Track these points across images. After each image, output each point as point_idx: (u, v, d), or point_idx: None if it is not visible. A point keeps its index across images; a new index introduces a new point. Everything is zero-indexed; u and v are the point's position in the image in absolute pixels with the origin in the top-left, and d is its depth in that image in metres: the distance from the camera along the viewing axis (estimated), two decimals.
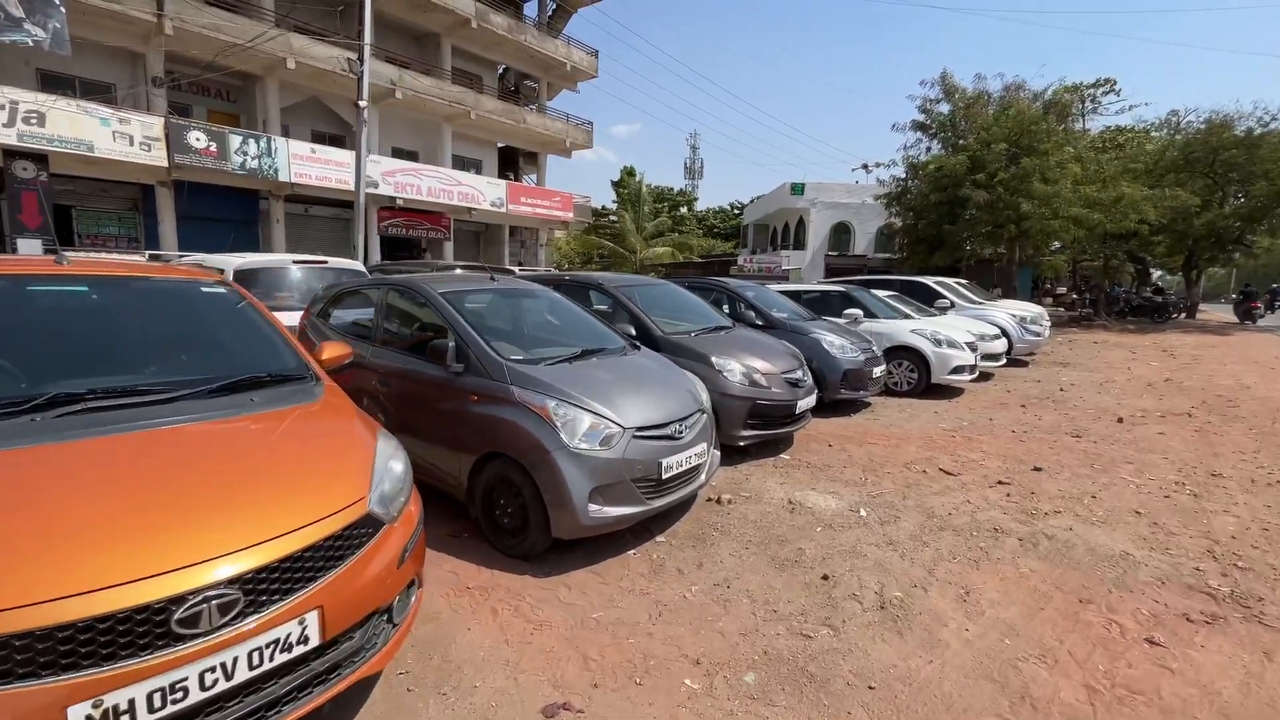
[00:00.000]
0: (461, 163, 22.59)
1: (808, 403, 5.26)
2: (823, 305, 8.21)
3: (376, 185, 17.68)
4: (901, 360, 7.64)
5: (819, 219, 31.24)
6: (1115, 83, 23.16)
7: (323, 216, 19.38)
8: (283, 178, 15.62)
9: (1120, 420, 6.66)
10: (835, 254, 30.20)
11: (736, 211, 52.55)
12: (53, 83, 14.14)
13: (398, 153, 20.98)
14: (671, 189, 53.64)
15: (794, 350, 5.64)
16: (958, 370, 7.53)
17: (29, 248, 11.91)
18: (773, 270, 27.31)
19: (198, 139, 14.12)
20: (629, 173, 51.21)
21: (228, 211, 16.38)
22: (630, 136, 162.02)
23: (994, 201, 16.84)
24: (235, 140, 14.71)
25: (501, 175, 25.66)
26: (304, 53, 16.06)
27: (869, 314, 7.99)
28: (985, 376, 8.90)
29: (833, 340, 6.44)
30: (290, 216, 18.62)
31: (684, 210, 54.09)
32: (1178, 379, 9.31)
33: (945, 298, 10.22)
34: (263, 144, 15.21)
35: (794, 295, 8.37)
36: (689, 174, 63.83)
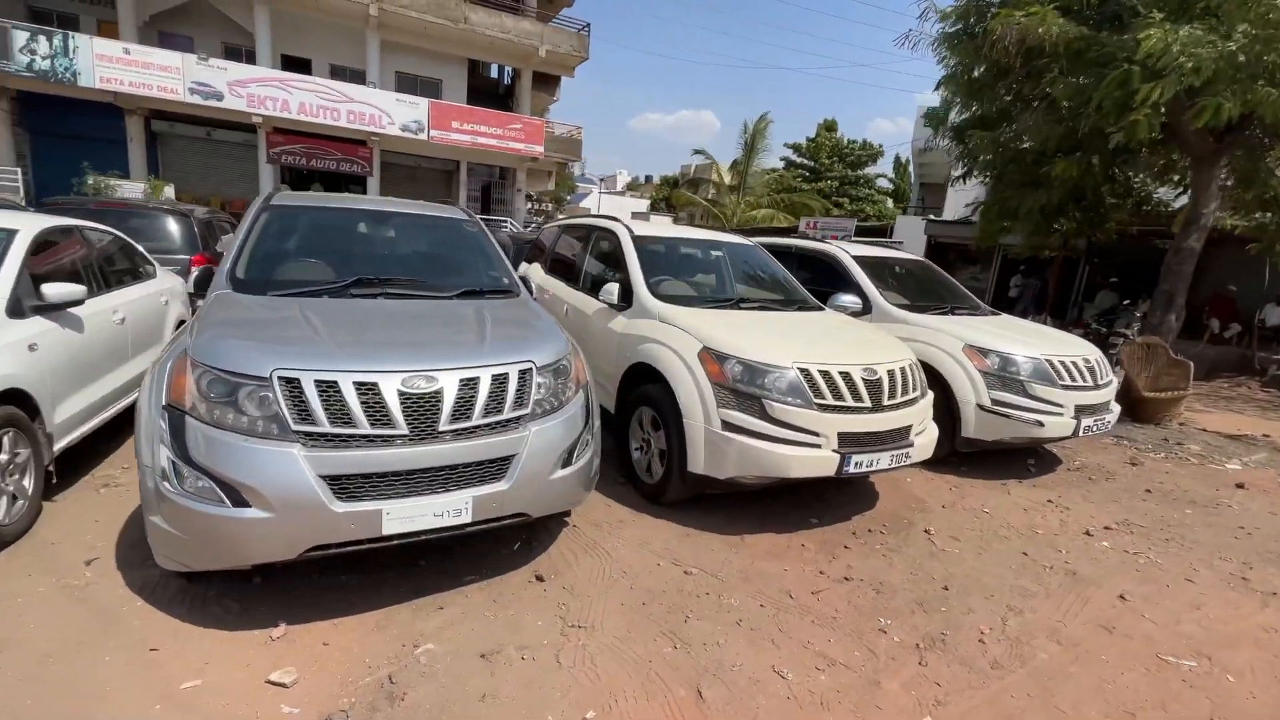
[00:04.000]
0: (413, 83, 18.69)
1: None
2: None
3: (222, 98, 14.85)
4: None
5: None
6: None
7: (232, 143, 17.47)
8: (84, 82, 13.63)
9: None
10: (948, 220, 18.39)
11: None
12: None
13: (337, 73, 18.03)
14: (856, 142, 42.20)
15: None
16: None
17: None
18: (838, 239, 17.56)
19: None
20: (828, 126, 42.67)
21: (82, 127, 15.08)
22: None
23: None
24: (20, 36, 13.06)
25: (501, 105, 21.05)
26: None
27: None
28: None
29: None
30: (187, 141, 17.09)
31: (869, 169, 42.39)
32: None
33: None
34: (57, 41, 13.34)
35: None
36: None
